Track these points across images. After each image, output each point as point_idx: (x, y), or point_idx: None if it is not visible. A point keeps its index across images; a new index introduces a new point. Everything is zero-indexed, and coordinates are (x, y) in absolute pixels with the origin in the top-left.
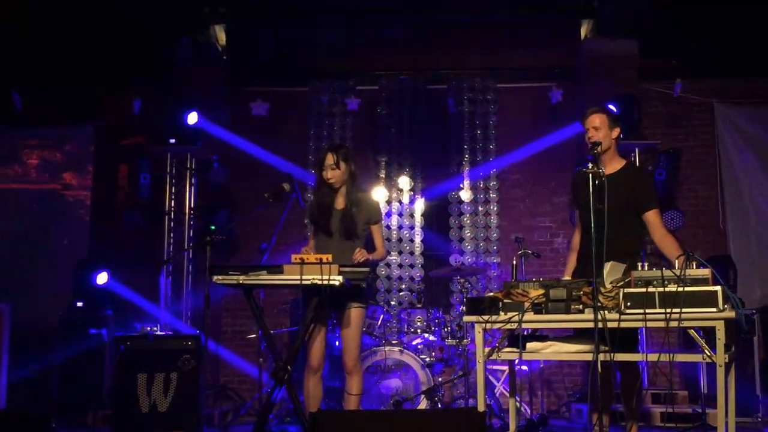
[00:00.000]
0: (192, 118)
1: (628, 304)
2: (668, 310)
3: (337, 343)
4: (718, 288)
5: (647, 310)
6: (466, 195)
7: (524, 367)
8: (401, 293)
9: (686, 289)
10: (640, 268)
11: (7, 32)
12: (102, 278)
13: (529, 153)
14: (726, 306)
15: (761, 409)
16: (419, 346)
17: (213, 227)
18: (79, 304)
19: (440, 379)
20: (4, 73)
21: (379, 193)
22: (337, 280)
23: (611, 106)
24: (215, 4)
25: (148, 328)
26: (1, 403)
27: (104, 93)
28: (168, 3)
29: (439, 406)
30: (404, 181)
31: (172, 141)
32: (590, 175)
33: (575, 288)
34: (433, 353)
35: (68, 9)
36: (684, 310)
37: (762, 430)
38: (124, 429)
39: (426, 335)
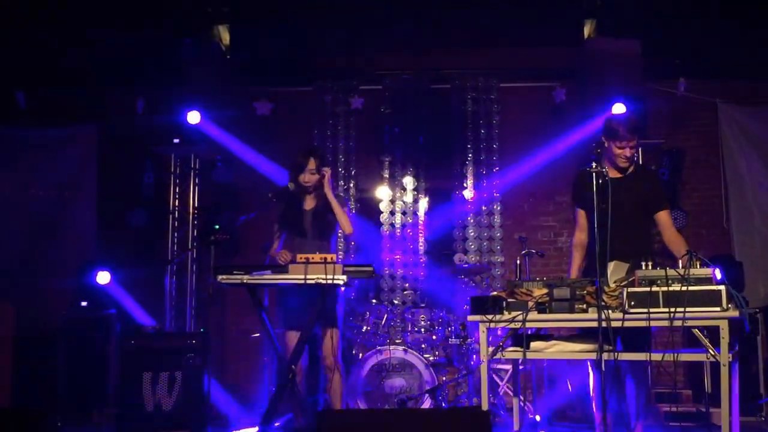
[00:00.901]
0: (195, 117)
1: (632, 303)
2: (672, 310)
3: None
4: (722, 287)
5: (651, 310)
6: (469, 194)
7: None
8: (405, 292)
9: (690, 288)
10: (644, 268)
11: (9, 32)
12: (103, 278)
13: (532, 152)
14: (730, 305)
15: (765, 408)
16: (423, 345)
17: (217, 227)
18: (84, 303)
19: (444, 378)
20: (8, 73)
21: (382, 192)
22: (341, 279)
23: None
24: (218, 3)
25: (153, 327)
26: (6, 402)
27: (108, 93)
28: (171, 2)
29: (443, 405)
30: (408, 181)
31: (176, 141)
32: (594, 174)
33: (579, 287)
34: (437, 352)
35: (71, 9)
36: (688, 309)
37: (766, 429)
38: (129, 428)
39: (430, 334)
